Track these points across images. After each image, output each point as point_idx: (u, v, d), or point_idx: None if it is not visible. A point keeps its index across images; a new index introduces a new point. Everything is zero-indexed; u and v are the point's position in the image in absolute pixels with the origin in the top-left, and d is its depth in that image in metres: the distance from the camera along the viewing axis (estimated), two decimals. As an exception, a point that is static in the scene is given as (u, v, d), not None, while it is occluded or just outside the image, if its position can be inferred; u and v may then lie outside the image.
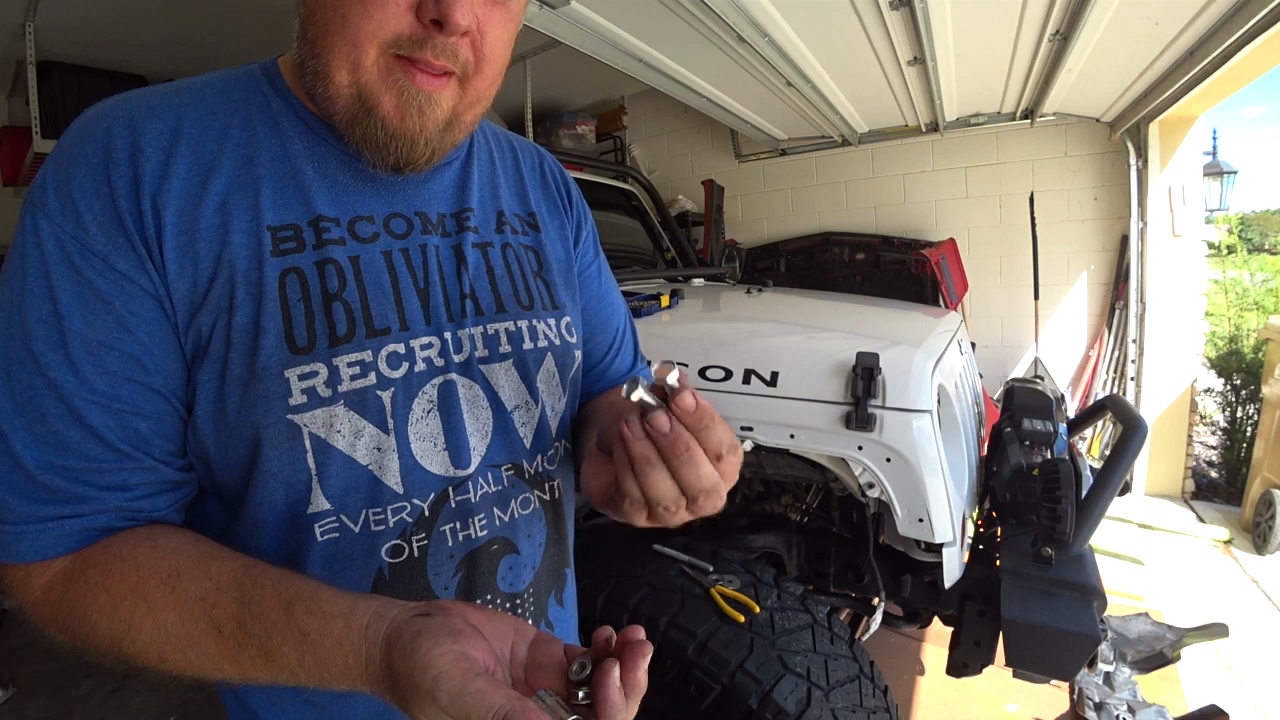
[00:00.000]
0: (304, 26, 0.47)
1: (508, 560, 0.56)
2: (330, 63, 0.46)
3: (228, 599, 0.41)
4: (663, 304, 1.61)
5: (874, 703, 1.10)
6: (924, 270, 3.63)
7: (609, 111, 4.85)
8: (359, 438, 0.49)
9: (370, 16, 0.44)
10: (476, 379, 0.54)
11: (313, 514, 0.48)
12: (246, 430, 0.46)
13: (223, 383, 0.46)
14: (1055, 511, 1.21)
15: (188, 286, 0.45)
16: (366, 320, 0.49)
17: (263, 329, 0.46)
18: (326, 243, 0.49)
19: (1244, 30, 2.03)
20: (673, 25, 2.22)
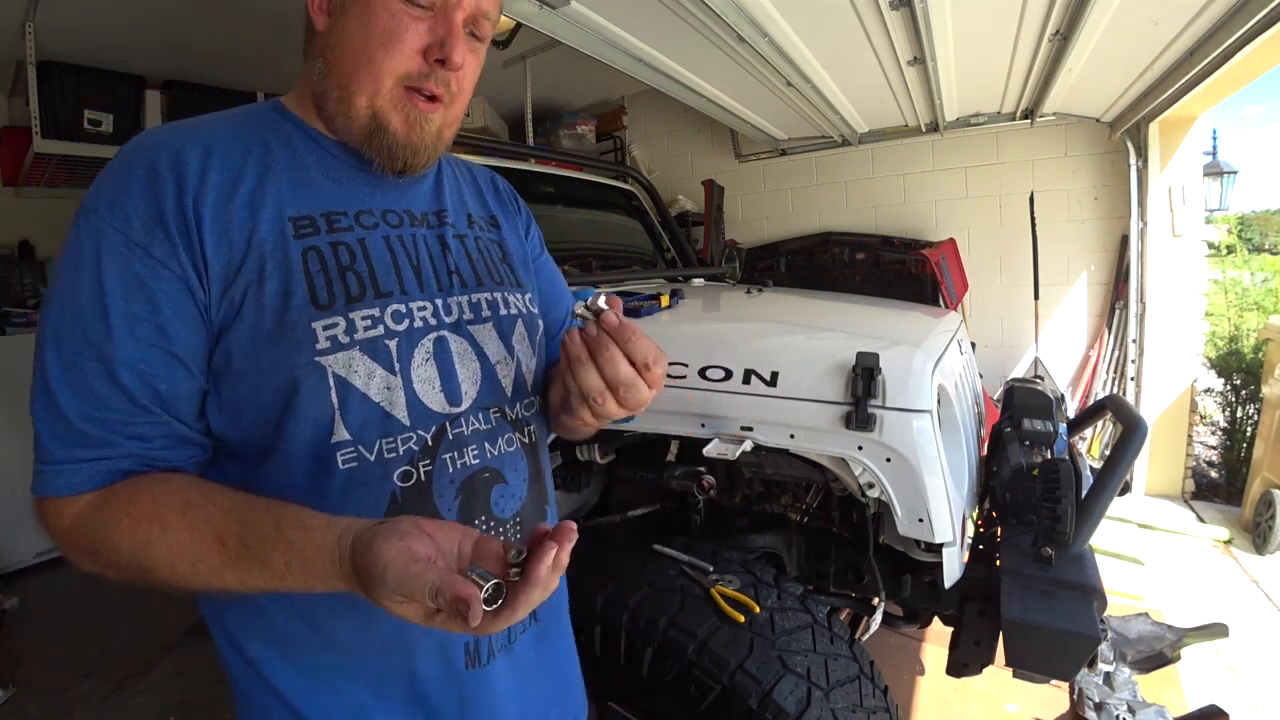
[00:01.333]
0: (330, 64, 0.62)
1: (498, 489, 0.68)
2: (354, 91, 0.61)
3: (230, 520, 0.52)
4: (663, 304, 1.61)
5: (874, 703, 1.10)
6: (924, 270, 3.63)
7: (609, 111, 4.85)
8: (372, 378, 0.60)
9: (391, 57, 0.60)
10: (465, 336, 0.67)
11: (335, 444, 0.58)
12: (281, 373, 0.57)
13: (256, 339, 0.56)
14: (1055, 511, 1.21)
15: (223, 264, 0.56)
16: (374, 285, 0.62)
17: (291, 293, 0.57)
18: (338, 229, 0.62)
19: (1244, 30, 2.03)
20: (673, 25, 2.22)
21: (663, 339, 1.39)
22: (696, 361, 1.30)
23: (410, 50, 0.60)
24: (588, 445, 1.47)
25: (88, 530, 0.54)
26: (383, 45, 0.59)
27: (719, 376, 1.27)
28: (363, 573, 0.46)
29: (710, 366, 1.29)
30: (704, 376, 1.29)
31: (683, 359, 1.32)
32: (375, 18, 0.59)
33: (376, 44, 0.59)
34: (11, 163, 3.37)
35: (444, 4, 0.60)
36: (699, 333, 1.49)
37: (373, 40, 0.59)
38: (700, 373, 1.29)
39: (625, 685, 1.19)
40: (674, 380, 1.32)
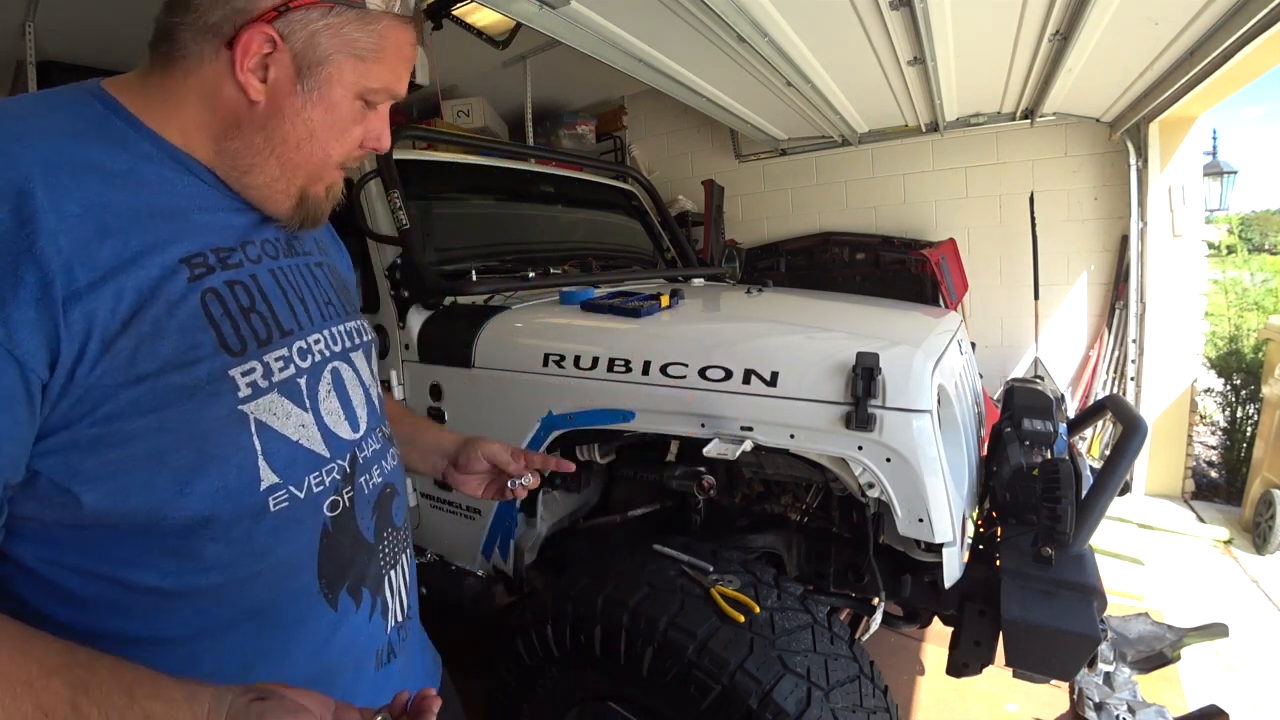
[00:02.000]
0: (274, 143, 0.59)
1: (396, 501, 0.73)
2: (296, 173, 0.61)
3: (56, 683, 0.41)
4: (663, 304, 1.61)
5: (874, 703, 1.10)
6: (924, 270, 3.63)
7: (609, 111, 4.84)
8: (289, 418, 0.58)
9: (341, 149, 0.62)
10: (348, 364, 0.68)
11: (266, 489, 0.56)
12: (196, 429, 0.52)
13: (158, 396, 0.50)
14: (1055, 511, 1.21)
15: (107, 314, 0.47)
16: (277, 325, 0.60)
17: (198, 344, 0.52)
18: (231, 265, 0.58)
19: (1244, 30, 2.03)
20: (673, 25, 2.22)
21: (663, 339, 1.40)
22: (696, 361, 1.30)
23: (354, 143, 0.63)
24: (588, 445, 1.48)
25: None
26: (337, 139, 0.61)
27: (719, 376, 1.28)
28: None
29: (710, 366, 1.29)
30: (704, 376, 1.29)
31: (683, 359, 1.32)
32: (338, 115, 0.60)
33: (332, 137, 0.60)
34: (11, 163, 3.36)
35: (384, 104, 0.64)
36: (699, 333, 1.49)
37: (330, 134, 0.60)
38: (700, 373, 1.29)
39: (625, 685, 1.20)
40: (674, 380, 1.32)
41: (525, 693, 1.35)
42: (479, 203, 2.26)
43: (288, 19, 0.55)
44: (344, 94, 0.59)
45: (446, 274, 1.83)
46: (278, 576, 0.58)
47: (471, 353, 1.58)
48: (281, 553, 0.58)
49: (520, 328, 1.60)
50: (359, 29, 0.57)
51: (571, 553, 1.70)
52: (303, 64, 0.57)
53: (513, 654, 1.32)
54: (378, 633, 0.68)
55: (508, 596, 1.67)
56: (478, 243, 2.13)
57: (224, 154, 0.59)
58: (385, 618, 0.69)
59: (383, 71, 0.60)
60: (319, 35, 0.56)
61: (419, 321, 1.72)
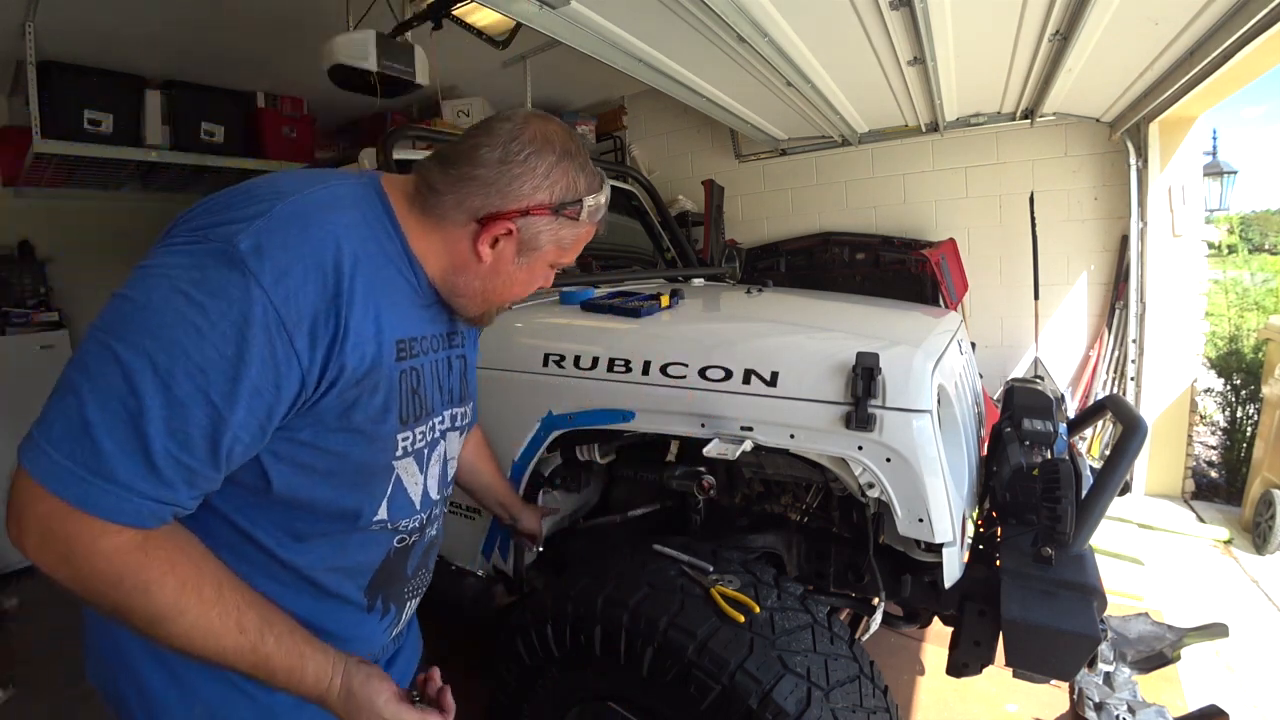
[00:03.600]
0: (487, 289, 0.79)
1: (433, 550, 0.93)
2: (492, 304, 0.82)
3: (254, 614, 0.64)
4: (663, 304, 1.61)
5: (874, 703, 1.10)
6: (924, 270, 3.63)
7: (609, 111, 4.84)
8: (413, 476, 0.78)
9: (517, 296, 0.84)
10: (448, 441, 0.86)
11: (378, 520, 0.76)
12: (364, 464, 0.71)
13: (353, 435, 0.69)
14: (1055, 511, 1.21)
15: (351, 371, 0.65)
16: (426, 406, 0.78)
17: (389, 409, 0.72)
18: (415, 354, 0.76)
19: (1244, 30, 2.03)
20: (673, 25, 2.22)
21: (663, 339, 1.40)
22: (696, 361, 1.30)
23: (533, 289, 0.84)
24: (588, 445, 1.48)
25: (127, 568, 0.57)
26: (523, 292, 0.83)
27: (719, 376, 1.27)
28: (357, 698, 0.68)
29: (710, 366, 1.29)
30: (704, 376, 1.29)
31: (683, 359, 1.32)
32: (532, 280, 0.82)
33: (523, 291, 0.83)
34: (11, 163, 3.37)
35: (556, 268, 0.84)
36: (699, 333, 1.49)
37: (522, 290, 0.82)
38: (700, 373, 1.29)
39: (625, 685, 1.20)
40: (674, 380, 1.32)
41: (525, 693, 1.35)
42: (479, 203, 2.25)
43: (526, 218, 0.75)
44: (544, 263, 0.81)
45: (446, 274, 1.82)
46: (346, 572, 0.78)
47: (471, 353, 1.58)
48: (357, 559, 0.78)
49: (520, 328, 1.59)
50: (569, 231, 0.79)
51: (571, 553, 1.70)
52: (525, 246, 0.77)
53: (513, 654, 1.32)
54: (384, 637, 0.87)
55: (508, 596, 1.67)
56: (478, 243, 2.13)
57: (448, 283, 0.78)
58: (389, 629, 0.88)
59: (572, 254, 0.83)
60: (542, 233, 0.77)
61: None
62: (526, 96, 4.03)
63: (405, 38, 2.62)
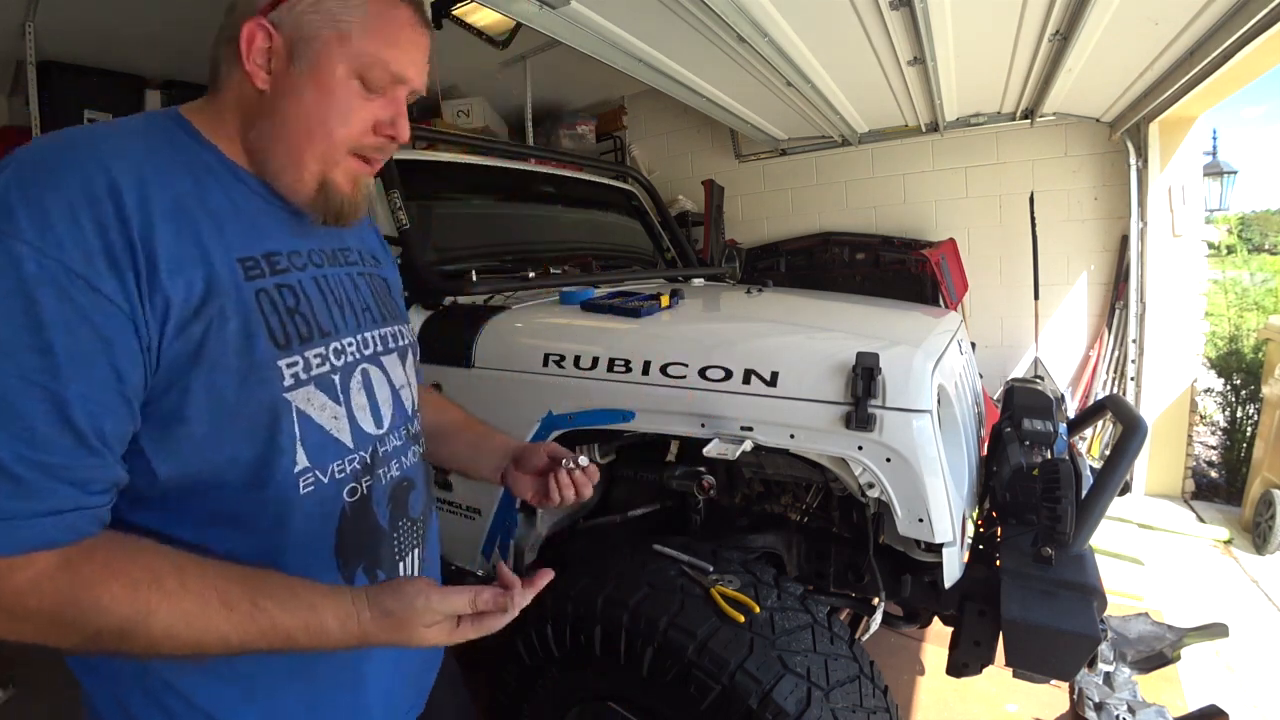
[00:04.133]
0: (277, 129, 0.64)
1: (413, 494, 0.79)
2: (307, 159, 0.64)
3: (235, 586, 0.55)
4: (663, 304, 1.61)
5: (874, 703, 1.10)
6: (924, 270, 3.63)
7: (609, 111, 4.84)
8: (324, 409, 0.66)
9: (348, 133, 0.65)
10: (379, 366, 0.75)
11: (299, 471, 0.64)
12: (249, 410, 0.60)
13: (220, 378, 0.58)
14: (1055, 511, 1.21)
15: (181, 302, 0.55)
16: (318, 325, 0.67)
17: (253, 334, 0.60)
18: (280, 270, 0.65)
19: (1244, 30, 2.03)
20: (673, 25, 2.22)
21: (663, 339, 1.40)
22: (696, 361, 1.30)
23: (364, 126, 0.66)
24: (588, 445, 1.48)
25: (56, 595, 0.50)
26: (341, 121, 0.64)
27: (719, 376, 1.27)
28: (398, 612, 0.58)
29: (710, 366, 1.29)
30: (704, 376, 1.29)
31: (683, 359, 1.32)
32: (334, 96, 0.63)
33: (335, 119, 0.64)
34: (11, 163, 3.37)
35: (392, 88, 0.67)
36: (699, 333, 1.49)
37: (331, 116, 0.64)
38: (700, 373, 1.29)
39: (625, 685, 1.20)
40: (674, 380, 1.32)
41: (525, 693, 1.35)
42: (479, 203, 2.26)
43: (279, 10, 0.62)
44: (336, 71, 0.62)
45: (446, 274, 1.82)
46: (302, 550, 0.66)
47: (471, 353, 1.58)
48: (307, 528, 0.66)
49: (520, 328, 1.59)
50: (340, 5, 0.62)
51: (571, 553, 1.70)
52: (294, 46, 0.62)
53: (513, 654, 1.32)
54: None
55: (508, 596, 1.66)
56: (478, 243, 2.13)
57: (250, 150, 0.65)
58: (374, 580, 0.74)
59: (370, 46, 0.63)
60: (304, 16, 0.62)
61: (419, 321, 1.72)
62: (527, 96, 4.04)
63: (405, 38, 2.62)
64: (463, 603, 0.59)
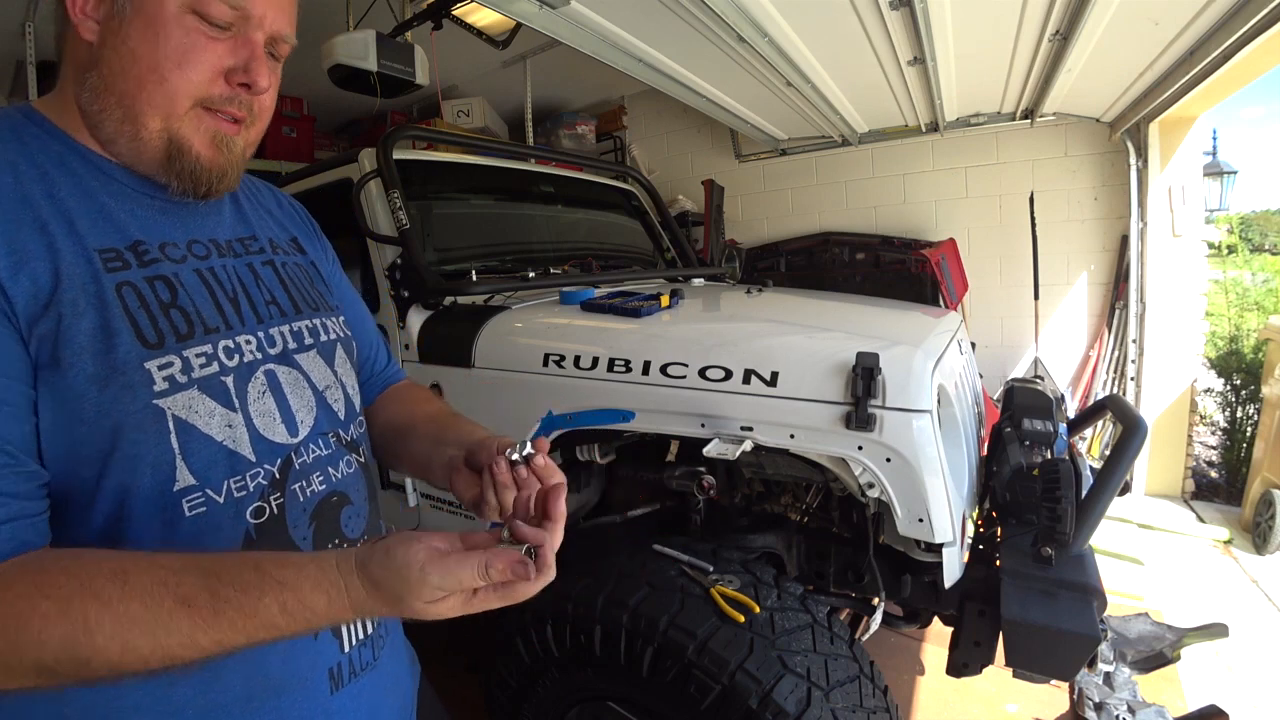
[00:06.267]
0: (107, 80, 0.55)
1: (347, 511, 0.69)
2: (143, 112, 0.55)
3: (190, 578, 0.46)
4: (663, 304, 1.61)
5: (874, 703, 1.10)
6: (924, 270, 3.63)
7: (609, 111, 4.84)
8: (213, 417, 0.57)
9: (188, 78, 0.55)
10: (292, 366, 0.66)
11: (179, 491, 0.55)
12: (109, 421, 0.51)
13: (75, 383, 0.50)
14: (1055, 511, 1.21)
15: (27, 298, 0.49)
16: (201, 321, 0.59)
17: (114, 331, 0.52)
18: (149, 262, 0.57)
19: (1244, 30, 2.03)
20: (673, 25, 2.22)
21: (663, 339, 1.40)
22: (696, 361, 1.30)
23: (210, 71, 0.56)
24: (588, 445, 1.48)
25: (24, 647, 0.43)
26: (178, 65, 0.55)
27: (719, 376, 1.28)
28: (389, 583, 0.48)
29: (710, 366, 1.29)
30: (704, 376, 1.29)
31: (683, 359, 1.32)
32: (166, 34, 0.54)
33: (170, 63, 0.54)
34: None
35: (243, 25, 0.57)
36: (699, 333, 1.49)
37: (165, 59, 0.54)
38: (700, 373, 1.29)
39: (625, 685, 1.20)
40: (674, 380, 1.32)
41: (525, 693, 1.35)
42: (479, 203, 2.26)
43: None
44: (165, 5, 0.54)
45: (446, 274, 1.83)
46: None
47: (471, 353, 1.58)
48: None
49: (520, 328, 1.60)
50: None
51: (571, 553, 1.70)
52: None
53: (513, 654, 1.32)
54: (328, 650, 0.64)
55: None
56: (478, 243, 2.13)
57: (85, 117, 0.57)
58: (338, 636, 0.65)
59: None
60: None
61: (419, 321, 1.72)
62: (527, 96, 4.03)
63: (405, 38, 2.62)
64: (470, 575, 0.47)
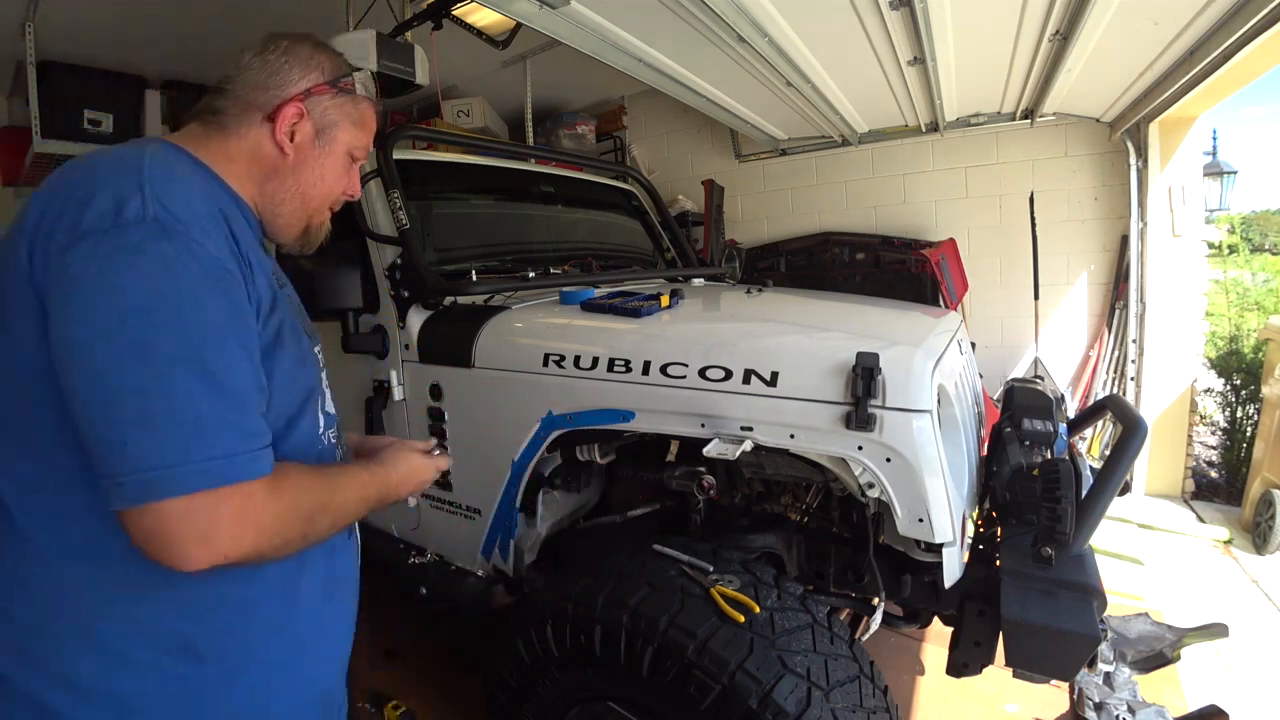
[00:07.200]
0: (294, 188, 0.83)
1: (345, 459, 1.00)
2: (312, 211, 0.87)
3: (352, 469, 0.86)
4: (663, 304, 1.61)
5: (874, 703, 1.10)
6: (924, 270, 3.63)
7: (609, 111, 4.84)
8: (326, 391, 0.90)
9: (337, 189, 0.88)
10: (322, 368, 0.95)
11: (320, 433, 0.85)
12: (304, 384, 0.81)
13: (293, 359, 0.78)
14: (1055, 511, 1.21)
15: (261, 302, 0.73)
16: (307, 328, 0.89)
17: (297, 328, 0.82)
18: (281, 284, 0.83)
19: (1244, 30, 2.03)
20: (673, 25, 2.22)
21: (663, 339, 1.40)
22: (696, 361, 1.30)
23: (344, 188, 0.89)
24: (588, 445, 1.48)
25: (298, 502, 0.70)
26: (337, 182, 0.87)
27: (719, 376, 1.28)
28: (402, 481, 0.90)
29: (710, 366, 1.29)
30: (704, 376, 1.29)
31: (683, 359, 1.32)
32: (339, 173, 0.86)
33: (335, 181, 0.86)
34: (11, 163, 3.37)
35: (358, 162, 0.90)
36: (699, 333, 1.49)
37: (334, 179, 0.86)
38: (700, 373, 1.29)
39: (625, 685, 1.20)
40: (674, 380, 1.32)
41: (525, 693, 1.35)
42: (479, 203, 2.26)
43: (310, 99, 0.81)
44: (343, 149, 0.85)
45: (446, 274, 1.83)
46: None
47: (471, 353, 1.58)
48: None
49: (520, 328, 1.60)
50: (353, 105, 0.85)
51: (571, 553, 1.70)
52: (320, 128, 0.82)
53: (513, 654, 1.32)
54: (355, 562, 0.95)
55: (508, 596, 1.67)
56: (478, 243, 2.13)
57: (264, 194, 0.82)
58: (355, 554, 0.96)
59: (363, 135, 0.87)
60: (330, 110, 0.83)
61: (419, 321, 1.72)
62: (527, 96, 4.04)
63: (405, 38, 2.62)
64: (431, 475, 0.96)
